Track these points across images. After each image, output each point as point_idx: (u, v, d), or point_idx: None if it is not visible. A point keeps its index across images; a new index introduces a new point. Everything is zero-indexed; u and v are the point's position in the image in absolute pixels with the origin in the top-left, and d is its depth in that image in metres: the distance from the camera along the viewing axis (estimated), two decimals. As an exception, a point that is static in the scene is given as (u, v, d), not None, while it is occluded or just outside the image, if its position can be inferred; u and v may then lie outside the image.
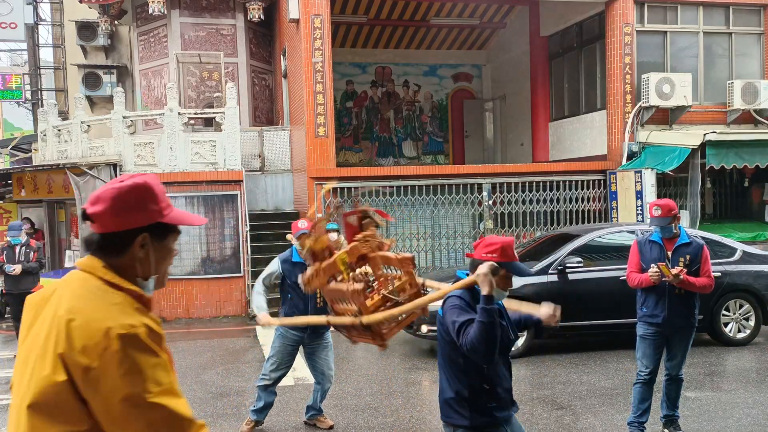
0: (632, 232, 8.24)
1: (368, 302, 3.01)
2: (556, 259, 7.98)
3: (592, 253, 8.29)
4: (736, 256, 8.26)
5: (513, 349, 7.61)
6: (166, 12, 14.22)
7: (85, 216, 1.59)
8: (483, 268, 2.84)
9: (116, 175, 11.61)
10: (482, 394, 3.00)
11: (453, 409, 3.02)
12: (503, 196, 12.12)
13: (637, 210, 11.64)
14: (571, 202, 12.35)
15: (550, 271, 7.90)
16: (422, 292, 3.12)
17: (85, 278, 1.55)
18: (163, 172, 11.62)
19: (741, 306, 8.16)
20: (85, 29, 15.78)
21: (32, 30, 18.12)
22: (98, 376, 1.41)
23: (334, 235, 9.79)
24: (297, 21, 11.83)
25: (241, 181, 11.68)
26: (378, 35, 16.64)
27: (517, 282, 7.76)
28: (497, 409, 3.03)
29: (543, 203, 12.24)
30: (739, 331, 8.17)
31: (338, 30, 15.64)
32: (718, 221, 13.09)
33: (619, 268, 7.97)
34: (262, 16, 14.56)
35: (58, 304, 1.51)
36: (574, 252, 8.06)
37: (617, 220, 12.01)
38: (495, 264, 2.88)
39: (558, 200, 12.28)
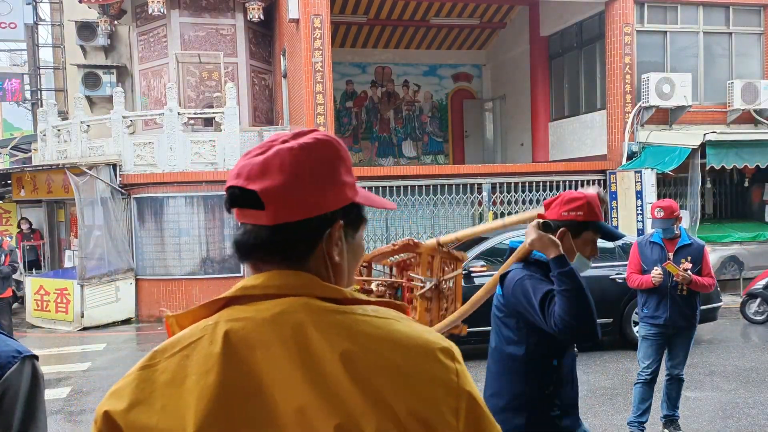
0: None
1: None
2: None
3: (501, 256, 8.13)
4: None
5: None
6: (165, 12, 14.20)
7: (248, 200, 0.95)
8: (531, 231, 2.26)
9: (116, 175, 11.59)
10: (545, 400, 2.39)
11: (506, 418, 2.37)
12: (503, 196, 12.12)
13: (637, 210, 11.64)
14: (571, 202, 12.33)
15: None
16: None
17: (307, 306, 0.93)
18: (162, 172, 11.61)
19: None
20: (85, 29, 15.76)
21: (32, 30, 18.12)
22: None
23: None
24: (297, 21, 11.83)
25: (241, 181, 11.66)
26: (378, 35, 16.63)
27: None
28: (561, 418, 2.42)
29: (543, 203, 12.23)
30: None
31: (338, 30, 15.64)
32: (718, 221, 13.09)
33: None
34: (261, 16, 14.54)
35: (313, 359, 0.88)
36: (480, 255, 7.91)
37: (617, 221, 12.01)
38: (546, 221, 2.30)
39: (558, 200, 12.27)
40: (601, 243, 8.39)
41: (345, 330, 0.90)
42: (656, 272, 4.87)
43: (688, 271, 4.83)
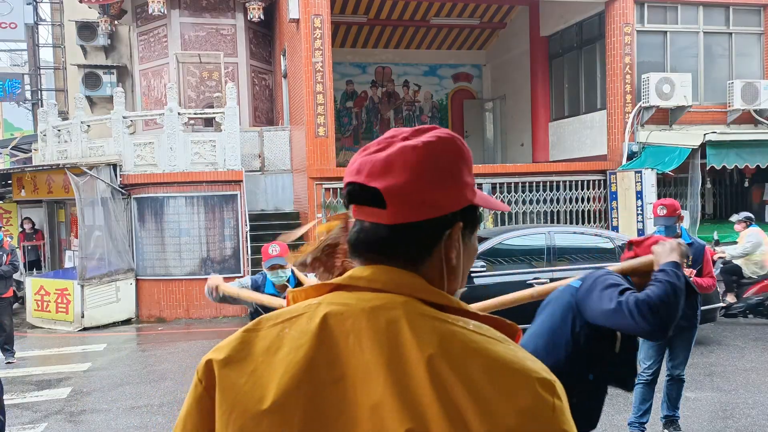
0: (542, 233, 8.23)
1: None
2: None
3: (501, 256, 8.12)
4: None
5: None
6: (166, 12, 14.21)
7: (365, 197, 0.94)
8: (671, 244, 2.42)
9: (116, 175, 11.60)
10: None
11: None
12: (503, 196, 12.12)
13: (637, 210, 11.64)
14: (571, 202, 12.34)
15: None
16: None
17: (406, 305, 0.90)
18: (163, 172, 11.61)
19: None
20: (85, 29, 15.77)
21: (32, 30, 18.13)
22: None
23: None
24: (297, 21, 11.83)
25: (241, 181, 11.68)
26: (378, 35, 16.64)
27: None
28: None
29: (543, 203, 12.23)
30: None
31: (338, 30, 15.64)
32: (718, 221, 13.08)
33: (527, 271, 7.91)
34: (262, 16, 14.55)
35: (400, 357, 0.86)
36: (480, 256, 7.82)
37: (617, 221, 12.01)
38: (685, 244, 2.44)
39: (558, 200, 12.28)
40: (602, 243, 8.33)
41: (438, 337, 0.86)
42: None
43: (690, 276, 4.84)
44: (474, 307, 2.34)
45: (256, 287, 4.32)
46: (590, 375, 2.37)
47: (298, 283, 4.16)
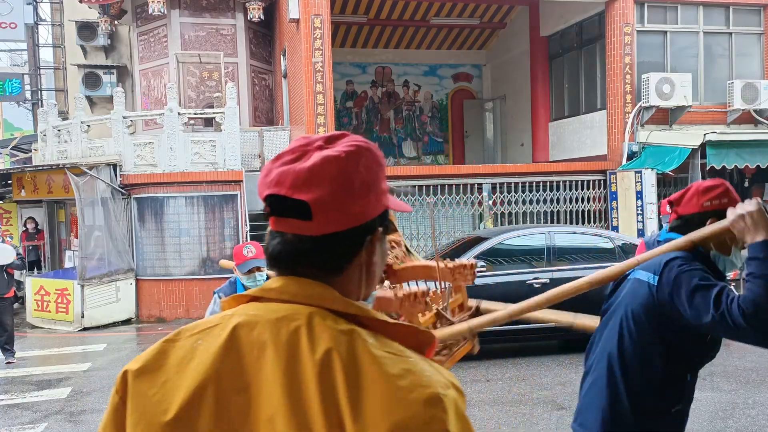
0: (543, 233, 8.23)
1: (421, 318, 2.13)
2: None
3: (501, 256, 8.12)
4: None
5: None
6: (166, 12, 14.21)
7: (289, 209, 0.92)
8: (749, 205, 2.07)
9: (116, 175, 11.61)
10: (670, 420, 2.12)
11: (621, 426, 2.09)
12: (503, 196, 12.12)
13: (637, 210, 11.64)
14: (571, 202, 12.34)
15: None
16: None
17: (311, 316, 0.90)
18: (163, 172, 11.62)
19: None
20: (85, 29, 15.77)
21: (32, 30, 18.12)
22: None
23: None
24: (297, 21, 11.83)
25: (241, 181, 11.68)
26: (378, 35, 16.64)
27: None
28: None
29: (543, 203, 12.24)
30: None
31: (338, 30, 15.64)
32: (718, 221, 13.08)
33: (527, 271, 7.91)
34: (262, 16, 14.55)
35: (295, 367, 0.87)
36: (480, 255, 7.84)
37: (617, 221, 12.01)
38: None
39: (558, 200, 12.28)
40: (602, 243, 8.33)
41: (337, 347, 0.86)
42: None
43: None
44: (527, 303, 2.15)
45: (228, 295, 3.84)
46: (688, 376, 2.12)
47: None
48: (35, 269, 14.02)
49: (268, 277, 3.70)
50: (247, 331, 0.90)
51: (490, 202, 12.06)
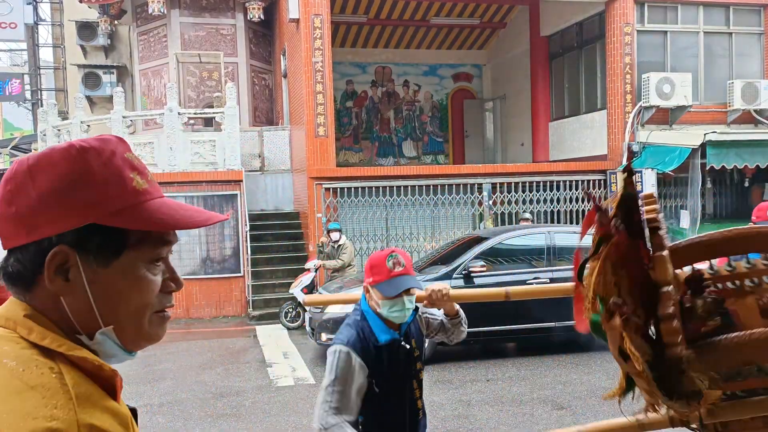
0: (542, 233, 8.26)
1: None
2: (461, 263, 7.82)
3: (501, 256, 8.14)
4: None
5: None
6: (165, 12, 14.21)
7: None
8: None
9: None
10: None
11: None
12: (503, 196, 12.11)
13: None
14: (571, 202, 12.34)
15: (454, 275, 7.75)
16: None
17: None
18: (162, 172, 11.61)
19: None
20: (85, 29, 15.77)
21: (32, 30, 18.13)
22: None
23: (336, 235, 9.86)
24: (297, 21, 11.83)
25: (241, 180, 11.68)
26: (378, 35, 16.63)
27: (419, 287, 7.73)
28: None
29: (543, 203, 12.23)
30: None
31: (338, 30, 15.63)
32: (718, 221, 13.07)
33: (527, 271, 7.93)
34: (262, 16, 14.55)
35: None
36: (480, 255, 7.88)
37: (617, 220, 11.99)
38: None
39: (558, 200, 12.27)
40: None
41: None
42: None
43: None
44: (455, 294, 2.21)
45: (360, 340, 2.43)
46: None
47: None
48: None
49: (417, 308, 2.60)
50: None
51: (490, 202, 12.06)
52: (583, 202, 12.35)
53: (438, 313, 2.74)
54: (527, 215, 11.10)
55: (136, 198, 0.88)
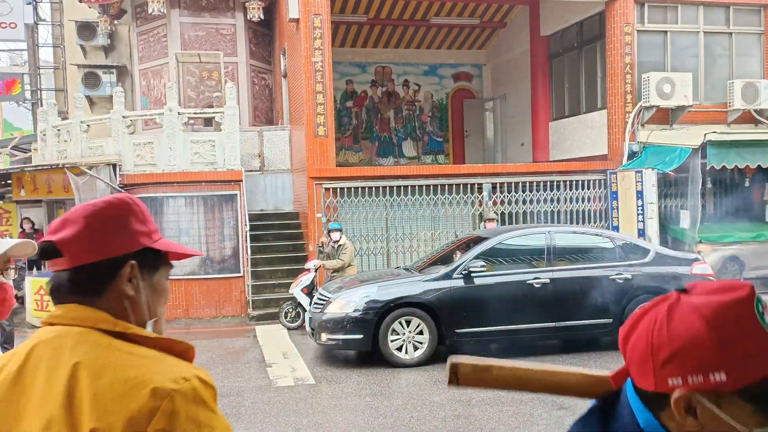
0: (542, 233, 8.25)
1: None
2: (462, 263, 7.80)
3: (501, 256, 8.12)
4: (649, 258, 8.17)
5: (416, 355, 7.56)
6: (165, 12, 14.20)
7: (49, 250, 1.17)
8: None
9: (115, 175, 11.64)
10: None
11: None
12: (503, 196, 12.10)
13: (638, 210, 11.63)
14: (571, 202, 12.33)
15: (454, 275, 7.74)
16: None
17: (77, 337, 1.12)
18: (162, 172, 11.61)
19: None
20: (85, 29, 15.76)
21: (32, 30, 18.11)
22: None
23: (336, 235, 9.85)
24: (297, 21, 11.82)
25: (241, 180, 11.67)
26: (378, 35, 16.63)
27: (419, 287, 7.71)
28: None
29: (543, 203, 12.22)
30: None
31: (338, 30, 15.63)
32: (718, 221, 13.07)
33: (527, 271, 7.91)
34: (261, 16, 14.54)
35: (55, 374, 1.09)
36: (480, 255, 7.85)
37: (618, 221, 12.00)
38: None
39: (558, 200, 12.26)
40: (602, 243, 8.30)
41: (90, 357, 1.09)
42: None
43: None
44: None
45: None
46: None
47: None
48: (35, 269, 14.00)
49: None
50: (37, 350, 1.13)
51: (491, 202, 12.05)
52: (583, 202, 12.34)
53: None
54: (492, 215, 10.52)
55: (159, 233, 1.28)
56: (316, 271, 9.97)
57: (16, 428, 1.09)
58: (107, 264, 1.17)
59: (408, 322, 7.62)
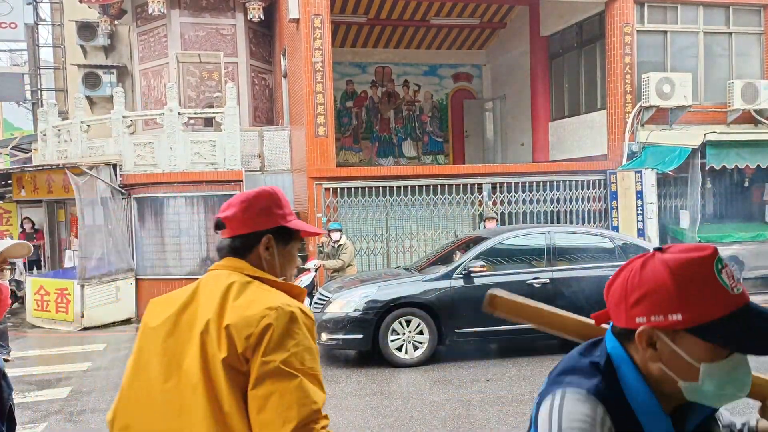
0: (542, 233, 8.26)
1: None
2: (461, 263, 7.82)
3: (501, 256, 8.13)
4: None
5: (416, 355, 7.57)
6: (165, 12, 14.21)
7: (219, 224, 1.75)
8: None
9: (116, 175, 11.66)
10: None
11: None
12: (503, 196, 12.11)
13: (637, 210, 11.64)
14: (571, 202, 12.34)
15: (454, 275, 7.75)
16: None
17: (229, 275, 1.68)
18: (162, 172, 11.61)
19: None
20: (85, 29, 15.76)
21: (32, 30, 18.12)
22: (254, 344, 1.53)
23: (336, 235, 9.85)
24: (297, 21, 11.83)
25: (241, 180, 11.67)
26: (378, 35, 16.64)
27: (419, 287, 7.72)
28: None
29: (543, 203, 12.23)
30: None
31: (338, 30, 15.64)
32: (718, 221, 13.08)
33: (527, 271, 7.93)
34: (262, 16, 14.55)
35: (214, 293, 1.64)
36: (480, 255, 7.87)
37: (618, 221, 12.01)
38: None
39: (558, 200, 12.27)
40: (602, 243, 8.30)
41: (240, 290, 1.63)
42: None
43: None
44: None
45: (610, 393, 1.30)
46: None
47: None
48: (35, 269, 14.02)
49: None
50: (204, 282, 1.71)
51: (490, 202, 12.06)
52: (583, 202, 12.35)
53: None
54: (492, 215, 10.48)
55: (293, 215, 1.82)
56: (316, 271, 9.97)
57: (193, 327, 1.61)
58: (254, 235, 1.72)
59: (408, 322, 7.63)
